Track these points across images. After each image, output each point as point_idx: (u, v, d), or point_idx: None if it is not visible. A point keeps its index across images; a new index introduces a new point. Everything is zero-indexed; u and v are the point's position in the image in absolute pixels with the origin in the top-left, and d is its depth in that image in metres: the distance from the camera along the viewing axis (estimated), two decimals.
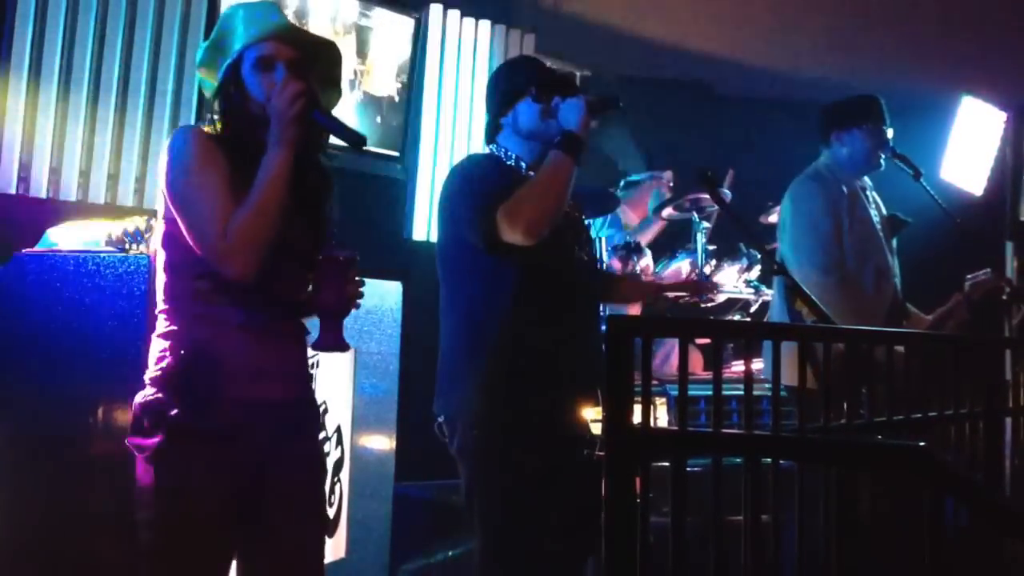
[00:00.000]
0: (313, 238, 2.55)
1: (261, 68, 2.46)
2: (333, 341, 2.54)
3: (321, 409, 3.81)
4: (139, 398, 2.44)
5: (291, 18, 5.12)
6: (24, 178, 4.18)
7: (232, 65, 2.47)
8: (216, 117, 2.50)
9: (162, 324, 2.46)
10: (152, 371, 2.43)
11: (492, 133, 3.24)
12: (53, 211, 4.11)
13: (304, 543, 2.55)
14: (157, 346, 2.45)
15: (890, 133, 4.11)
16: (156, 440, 2.37)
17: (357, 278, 2.57)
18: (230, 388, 2.41)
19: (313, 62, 2.54)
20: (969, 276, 4.18)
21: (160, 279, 2.49)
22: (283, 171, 2.37)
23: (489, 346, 3.04)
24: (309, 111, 2.40)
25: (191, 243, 2.37)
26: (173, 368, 2.40)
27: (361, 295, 2.61)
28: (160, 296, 2.48)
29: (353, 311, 3.81)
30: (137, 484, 2.42)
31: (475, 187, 3.05)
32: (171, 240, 2.44)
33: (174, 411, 2.37)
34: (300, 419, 2.59)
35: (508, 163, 3.16)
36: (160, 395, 2.40)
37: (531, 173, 3.11)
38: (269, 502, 2.47)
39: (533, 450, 2.98)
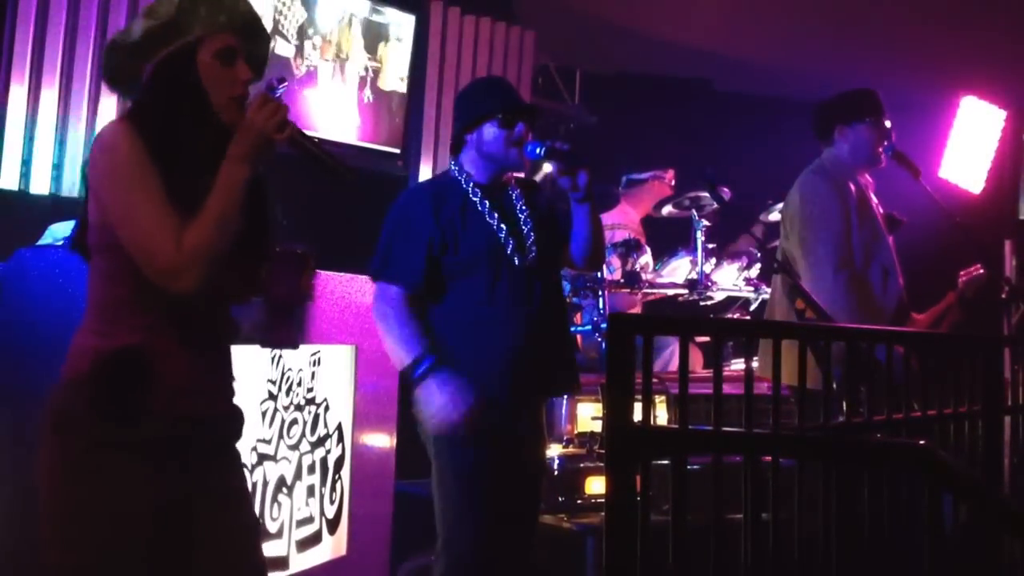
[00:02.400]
0: (254, 242, 2.35)
1: (223, 60, 2.28)
2: (284, 337, 2.46)
3: (322, 407, 3.82)
4: (56, 397, 2.24)
5: (296, 16, 5.14)
6: (26, 175, 4.19)
7: (186, 48, 2.26)
8: (148, 102, 2.27)
9: (89, 323, 2.27)
10: (74, 369, 2.23)
11: (456, 147, 3.37)
12: (54, 207, 4.12)
13: (243, 562, 2.37)
14: (81, 344, 2.24)
15: (889, 125, 4.10)
16: (69, 441, 2.19)
17: (311, 273, 2.43)
18: (154, 399, 2.21)
19: (257, 50, 2.39)
20: (962, 273, 4.18)
21: (90, 278, 2.30)
22: (244, 187, 2.20)
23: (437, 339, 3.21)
24: (292, 142, 2.26)
25: (134, 256, 2.17)
26: (98, 372, 2.19)
27: (314, 288, 2.45)
28: (89, 294, 2.29)
29: (354, 309, 3.83)
30: (46, 496, 2.22)
31: (390, 236, 3.29)
32: (98, 245, 2.26)
33: (91, 415, 2.17)
34: (227, 432, 2.42)
35: (459, 180, 3.29)
36: (82, 396, 2.19)
37: (477, 191, 3.26)
38: (199, 522, 2.27)
39: (469, 443, 3.12)
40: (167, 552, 2.23)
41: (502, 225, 3.24)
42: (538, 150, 3.21)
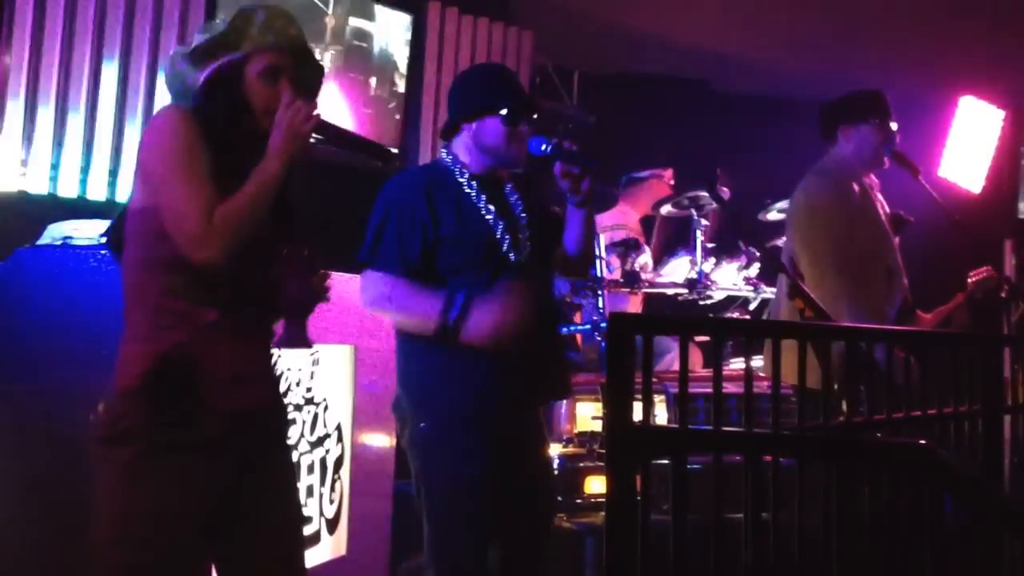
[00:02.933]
0: (281, 237, 2.52)
1: (268, 78, 2.44)
2: (298, 338, 2.50)
3: (321, 407, 3.82)
4: (109, 405, 2.34)
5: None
6: (24, 175, 4.19)
7: (235, 62, 2.43)
8: (202, 103, 2.42)
9: (132, 328, 2.36)
10: (124, 377, 2.32)
11: (449, 132, 3.23)
12: (53, 207, 4.12)
13: (288, 551, 2.50)
14: (128, 351, 2.34)
15: (894, 127, 4.10)
16: (130, 452, 2.28)
17: (322, 271, 2.53)
18: (209, 397, 2.32)
19: (305, 75, 2.55)
20: (972, 274, 4.17)
21: (127, 278, 2.40)
22: (277, 181, 2.37)
23: (418, 340, 3.07)
24: (319, 130, 2.43)
25: (167, 222, 2.30)
26: (148, 376, 2.29)
27: (328, 288, 2.55)
28: (128, 297, 2.39)
29: (353, 308, 3.82)
30: (104, 498, 2.31)
31: (379, 220, 3.15)
32: (140, 233, 2.38)
33: (150, 423, 2.27)
34: (276, 425, 2.55)
35: (451, 169, 3.16)
36: (134, 404, 2.29)
37: (473, 183, 3.13)
38: (249, 513, 2.40)
39: (471, 443, 3.02)
40: (219, 543, 2.37)
41: (499, 220, 3.11)
42: (544, 147, 3.08)
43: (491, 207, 3.11)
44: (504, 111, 3.12)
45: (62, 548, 3.08)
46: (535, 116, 3.21)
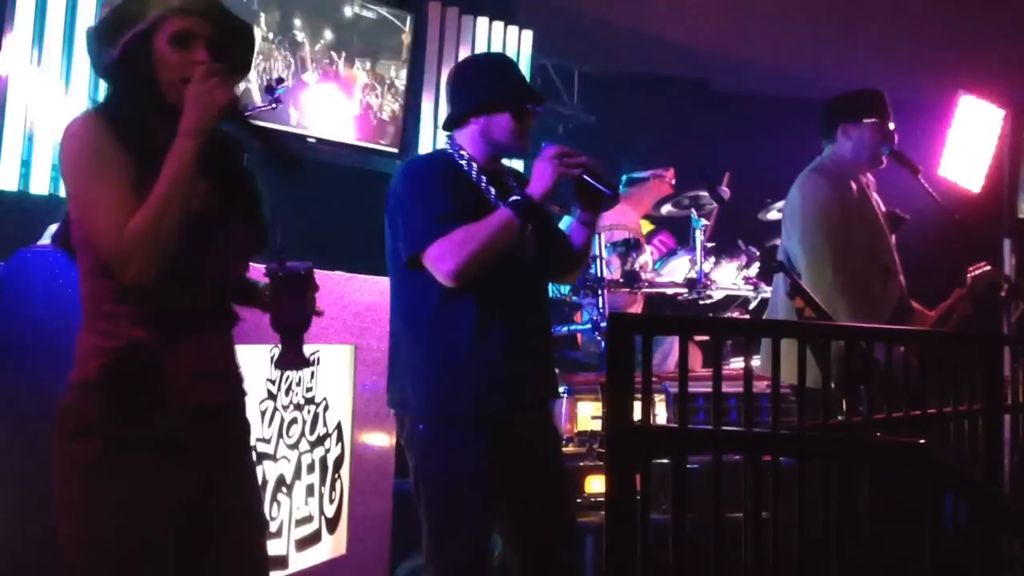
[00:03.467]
0: (250, 231, 2.36)
1: (179, 44, 2.22)
2: (295, 358, 2.45)
3: (321, 407, 3.82)
4: (67, 402, 2.23)
5: (294, 15, 5.14)
6: (25, 175, 4.20)
7: (141, 34, 2.21)
8: (115, 92, 2.27)
9: (88, 323, 2.27)
10: (82, 371, 2.22)
11: (453, 124, 3.18)
12: (54, 208, 4.12)
13: (252, 556, 2.41)
14: (85, 346, 2.25)
15: (893, 127, 4.10)
16: (89, 448, 2.18)
17: (314, 291, 2.45)
18: (169, 393, 2.22)
19: (230, 43, 2.32)
20: (971, 269, 4.18)
21: (80, 281, 2.31)
22: (191, 165, 2.15)
23: (423, 340, 3.04)
24: (234, 107, 2.20)
25: (87, 241, 2.18)
26: (106, 371, 2.19)
27: (316, 307, 2.47)
28: (84, 298, 2.29)
29: (353, 308, 3.83)
30: (64, 496, 2.22)
31: (416, 199, 3.03)
32: (80, 243, 2.25)
33: (109, 418, 2.18)
34: (238, 425, 2.45)
35: (459, 163, 3.11)
36: (92, 400, 2.19)
37: (483, 177, 3.10)
38: (214, 515, 2.31)
39: (470, 443, 2.99)
40: (184, 547, 2.26)
41: None
42: (579, 171, 3.01)
43: (499, 201, 3.06)
44: (515, 108, 3.08)
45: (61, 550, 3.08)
46: (540, 109, 3.17)
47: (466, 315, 3.01)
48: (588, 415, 4.75)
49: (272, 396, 3.54)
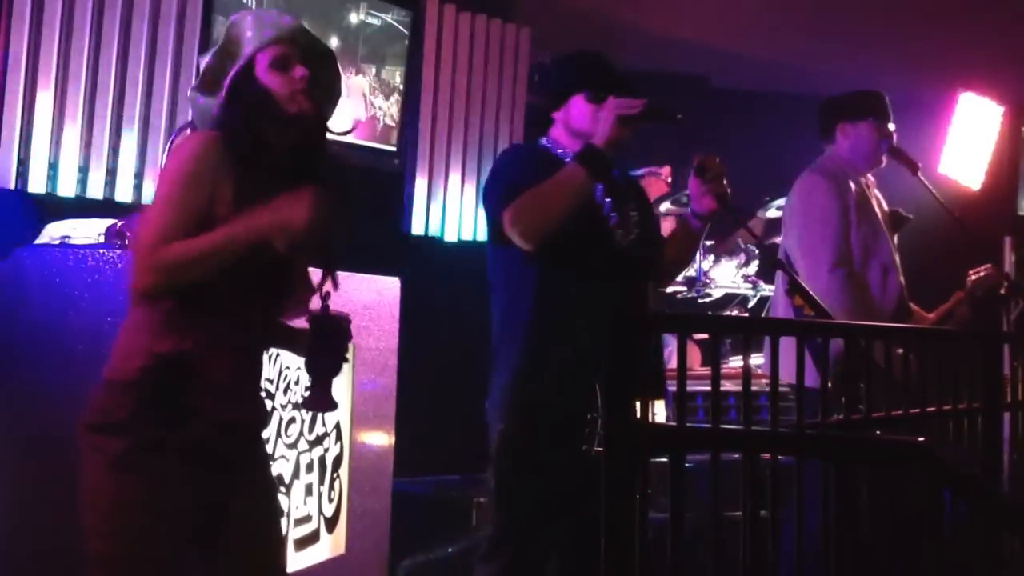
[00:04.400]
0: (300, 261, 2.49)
1: (278, 68, 2.40)
2: (325, 401, 2.53)
3: None
4: (101, 397, 2.32)
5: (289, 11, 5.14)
6: (22, 173, 4.19)
7: (244, 69, 2.39)
8: (224, 116, 2.39)
9: (140, 322, 2.34)
10: (121, 370, 2.31)
11: (545, 125, 3.16)
12: (51, 207, 4.12)
13: (270, 567, 2.48)
14: (132, 344, 2.33)
15: (892, 127, 4.10)
16: (120, 444, 2.26)
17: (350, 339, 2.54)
18: (205, 404, 2.32)
19: (318, 71, 2.47)
20: (971, 272, 4.17)
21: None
22: (239, 251, 2.27)
23: (516, 342, 2.99)
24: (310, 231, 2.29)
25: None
26: (148, 373, 2.28)
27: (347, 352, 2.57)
28: (135, 297, 2.36)
29: (351, 307, 3.82)
30: (91, 487, 2.31)
31: (502, 178, 3.01)
32: None
33: (142, 417, 2.26)
34: (260, 444, 2.56)
35: (556, 153, 3.07)
36: (130, 397, 2.27)
37: None
38: (230, 532, 2.39)
39: (556, 449, 2.92)
40: (202, 551, 2.36)
41: (605, 199, 3.03)
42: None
43: (599, 185, 3.00)
44: (587, 89, 3.03)
45: (61, 547, 3.08)
46: (627, 91, 3.03)
47: (558, 299, 2.95)
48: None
49: (270, 395, 3.53)
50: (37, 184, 4.21)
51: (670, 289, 5.32)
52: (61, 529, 3.07)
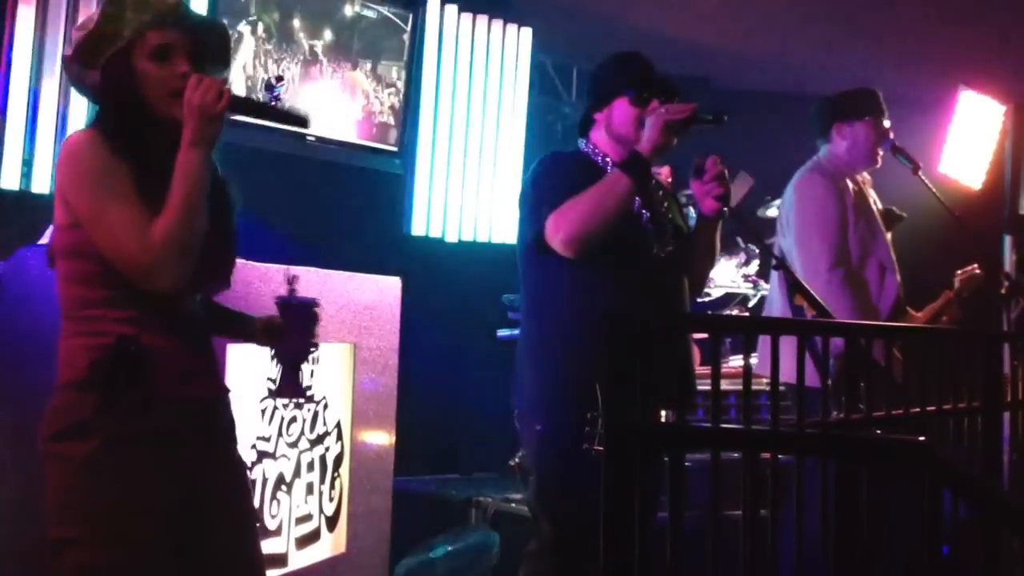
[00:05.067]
0: (220, 235, 2.39)
1: (159, 58, 2.26)
2: (292, 387, 2.51)
3: (321, 405, 3.82)
4: (58, 404, 2.25)
5: (292, 14, 5.13)
6: (26, 174, 4.20)
7: (120, 53, 2.26)
8: (106, 109, 2.31)
9: (71, 328, 2.27)
10: (70, 372, 2.24)
11: (585, 127, 3.16)
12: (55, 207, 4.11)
13: (244, 551, 2.43)
14: (72, 345, 2.26)
15: (888, 125, 4.10)
16: (85, 447, 2.19)
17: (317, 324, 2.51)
18: (162, 388, 2.25)
19: (207, 45, 2.36)
20: (958, 272, 4.18)
21: (62, 289, 2.30)
22: (204, 172, 2.21)
23: (553, 348, 2.99)
24: (233, 107, 2.26)
25: (109, 260, 2.19)
26: (96, 365, 2.21)
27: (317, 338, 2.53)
28: (66, 307, 2.29)
29: (352, 307, 3.82)
30: (59, 496, 2.22)
31: (543, 185, 3.00)
32: (77, 251, 2.25)
33: (102, 414, 2.19)
34: (225, 421, 2.47)
35: (595, 159, 3.07)
36: (86, 398, 2.20)
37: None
38: (205, 512, 2.33)
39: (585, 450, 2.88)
40: (183, 544, 2.28)
41: (644, 211, 3.03)
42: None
43: (636, 197, 3.00)
44: (631, 92, 3.02)
45: None
46: (671, 96, 3.05)
47: (594, 309, 2.94)
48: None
49: (272, 394, 3.54)
50: (41, 185, 4.22)
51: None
52: None
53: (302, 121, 2.44)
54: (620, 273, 2.95)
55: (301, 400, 2.48)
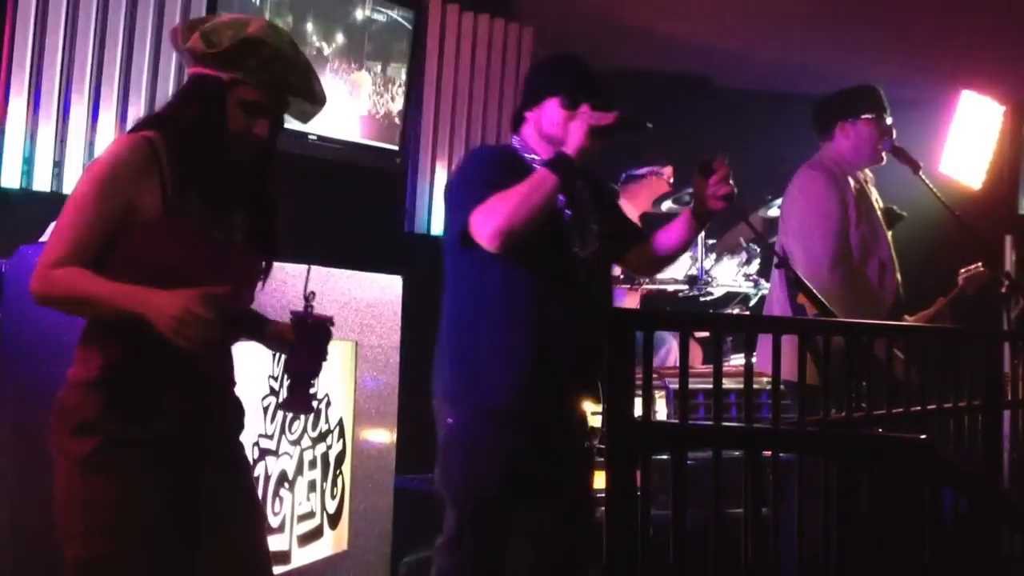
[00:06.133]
0: (258, 259, 2.47)
1: (247, 109, 2.34)
2: (304, 402, 2.50)
3: (323, 403, 3.83)
4: (66, 399, 2.28)
5: (293, 12, 5.14)
6: (27, 172, 4.20)
7: (219, 83, 2.33)
8: (175, 109, 2.37)
9: (93, 329, 2.31)
10: (83, 370, 2.27)
11: (517, 123, 3.18)
12: (56, 205, 4.12)
13: (252, 550, 2.44)
14: (90, 347, 2.29)
15: (890, 123, 4.11)
16: (87, 445, 2.22)
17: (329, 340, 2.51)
18: (172, 396, 2.29)
19: (288, 105, 2.44)
20: (963, 270, 4.19)
21: None
22: (117, 311, 2.20)
23: (469, 339, 3.03)
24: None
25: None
26: (110, 370, 2.25)
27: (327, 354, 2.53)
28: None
29: (354, 304, 3.84)
30: (62, 494, 2.26)
31: (470, 180, 3.02)
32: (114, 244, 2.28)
33: (108, 416, 2.23)
34: (233, 425, 2.50)
35: (523, 156, 3.09)
36: (92, 398, 2.24)
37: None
38: (209, 512, 2.35)
39: (499, 438, 2.98)
40: (181, 545, 2.29)
41: (568, 210, 3.04)
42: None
43: (561, 196, 3.00)
44: (563, 94, 3.03)
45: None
46: (601, 100, 3.04)
47: (513, 304, 2.99)
48: (588, 411, 4.75)
49: (274, 392, 3.54)
50: (42, 182, 4.22)
51: (672, 288, 5.33)
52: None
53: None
54: (541, 271, 2.98)
55: (308, 414, 2.49)
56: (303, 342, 2.45)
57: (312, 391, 2.50)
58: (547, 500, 3.09)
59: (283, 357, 3.35)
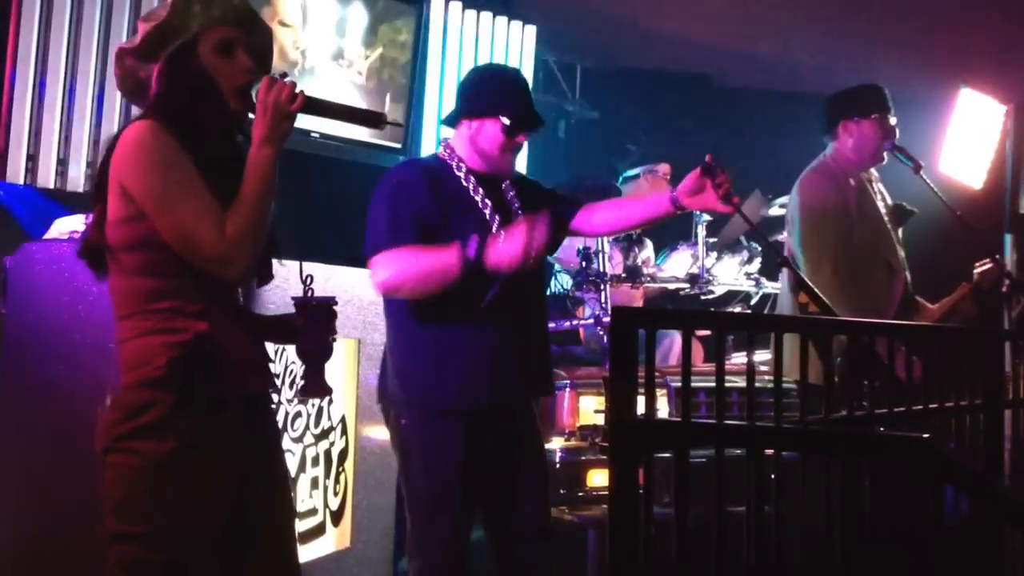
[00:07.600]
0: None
1: (223, 52, 2.34)
2: (319, 386, 2.52)
3: (325, 400, 3.84)
4: (131, 400, 2.23)
5: (298, 10, 5.15)
6: (32, 169, 4.22)
7: (185, 46, 2.32)
8: (163, 99, 2.33)
9: (145, 324, 2.26)
10: (144, 371, 2.23)
11: (451, 123, 3.22)
12: (60, 202, 4.14)
13: (288, 542, 2.49)
14: (148, 345, 2.24)
15: (895, 122, 4.11)
16: (161, 445, 2.19)
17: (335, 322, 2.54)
18: (236, 380, 2.29)
19: (260, 45, 2.45)
20: (977, 264, 4.18)
21: (123, 284, 2.30)
22: (274, 168, 2.28)
23: (407, 330, 3.12)
24: (306, 107, 2.32)
25: (177, 247, 2.22)
26: (176, 364, 2.21)
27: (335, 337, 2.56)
28: (129, 299, 2.29)
29: (357, 302, 3.84)
30: (122, 493, 2.22)
31: (385, 210, 3.09)
32: (143, 242, 2.25)
33: (179, 412, 2.20)
34: (272, 413, 2.54)
35: (450, 165, 3.15)
36: (160, 394, 2.21)
37: (471, 176, 3.14)
38: (253, 502, 2.36)
39: (450, 438, 3.05)
40: (234, 538, 2.33)
41: (496, 215, 3.10)
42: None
43: (488, 201, 3.11)
44: (507, 120, 3.09)
45: (67, 544, 3.10)
46: (534, 131, 3.19)
47: (452, 308, 3.03)
48: (591, 409, 4.76)
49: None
50: (46, 179, 4.23)
51: (672, 286, 5.34)
52: (68, 523, 3.10)
53: (375, 120, 2.50)
54: (471, 281, 2.98)
55: (325, 397, 2.54)
56: (310, 324, 2.48)
57: (325, 375, 2.53)
58: (502, 485, 3.16)
59: (284, 350, 3.38)
